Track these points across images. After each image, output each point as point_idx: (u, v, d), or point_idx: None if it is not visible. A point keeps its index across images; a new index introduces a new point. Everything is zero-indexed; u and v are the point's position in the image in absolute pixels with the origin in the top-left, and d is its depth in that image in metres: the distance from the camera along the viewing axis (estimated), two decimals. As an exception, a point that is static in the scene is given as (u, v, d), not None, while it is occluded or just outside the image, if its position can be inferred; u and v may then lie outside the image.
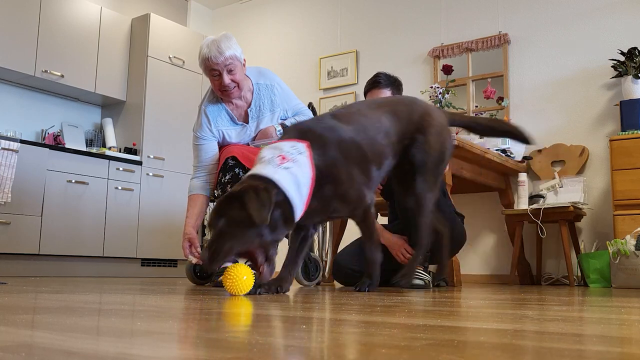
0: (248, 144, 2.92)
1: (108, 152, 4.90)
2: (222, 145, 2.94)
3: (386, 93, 3.08)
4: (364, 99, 3.08)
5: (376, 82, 3.12)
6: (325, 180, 2.00)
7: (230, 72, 2.72)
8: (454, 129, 4.43)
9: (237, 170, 2.78)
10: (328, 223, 3.37)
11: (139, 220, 4.96)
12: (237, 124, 2.86)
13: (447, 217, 2.91)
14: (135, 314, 1.14)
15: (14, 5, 4.58)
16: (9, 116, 4.80)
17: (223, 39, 2.76)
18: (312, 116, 3.06)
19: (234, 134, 2.91)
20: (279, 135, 2.86)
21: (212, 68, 2.72)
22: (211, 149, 2.88)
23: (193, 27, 6.32)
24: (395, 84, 3.14)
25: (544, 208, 3.88)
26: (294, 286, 2.93)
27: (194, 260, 2.72)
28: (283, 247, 3.35)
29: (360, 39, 5.55)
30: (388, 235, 3.03)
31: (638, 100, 3.94)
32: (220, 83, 2.73)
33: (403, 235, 2.98)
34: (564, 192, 4.12)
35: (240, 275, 1.86)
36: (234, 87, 2.75)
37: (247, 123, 2.86)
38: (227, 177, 2.78)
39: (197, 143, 2.86)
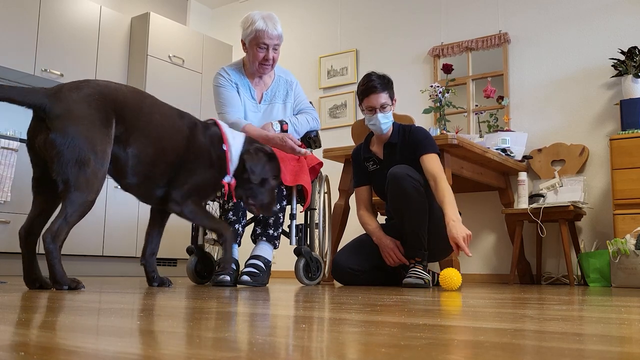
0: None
1: (108, 151, 4.89)
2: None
3: (383, 97, 2.92)
4: (359, 102, 3.04)
5: (372, 87, 2.91)
6: None
7: (275, 49, 2.95)
8: (454, 128, 4.43)
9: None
10: (327, 222, 3.35)
11: (139, 220, 4.96)
12: (253, 98, 3.06)
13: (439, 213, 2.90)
14: (135, 314, 1.14)
15: (14, 4, 4.58)
16: (8, 115, 4.79)
17: (275, 18, 2.96)
18: (316, 115, 3.21)
19: (249, 106, 3.05)
20: (277, 131, 2.92)
21: (263, 41, 2.91)
22: (236, 99, 2.99)
23: (193, 26, 6.31)
24: (388, 84, 3.02)
25: (544, 207, 3.88)
26: (295, 285, 2.93)
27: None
28: (284, 245, 3.35)
29: (360, 38, 5.54)
30: (381, 236, 3.04)
31: (638, 99, 3.93)
32: (265, 57, 2.93)
33: (399, 235, 2.99)
34: (564, 192, 4.12)
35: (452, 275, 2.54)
36: (272, 63, 2.97)
37: (260, 103, 3.08)
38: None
39: (220, 89, 2.99)
